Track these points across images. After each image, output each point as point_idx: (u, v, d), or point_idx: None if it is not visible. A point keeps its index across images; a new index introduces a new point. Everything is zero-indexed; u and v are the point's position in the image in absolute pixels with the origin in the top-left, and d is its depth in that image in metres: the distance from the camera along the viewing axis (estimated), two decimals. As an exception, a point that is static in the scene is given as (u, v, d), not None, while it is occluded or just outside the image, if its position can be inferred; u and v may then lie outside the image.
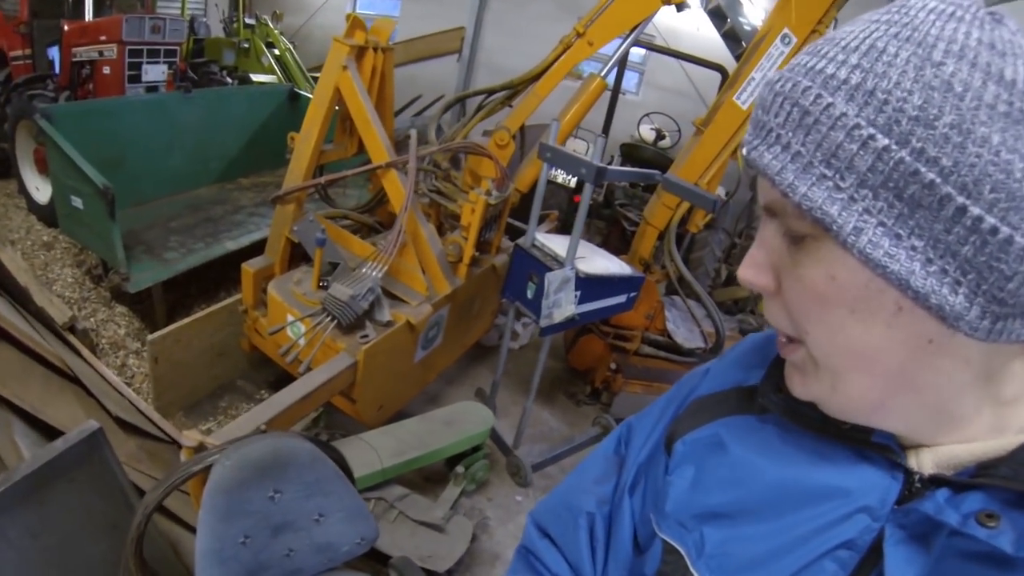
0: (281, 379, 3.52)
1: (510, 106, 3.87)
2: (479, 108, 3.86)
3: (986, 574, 0.48)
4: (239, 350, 3.48)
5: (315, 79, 7.71)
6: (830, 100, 0.47)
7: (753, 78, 3.61)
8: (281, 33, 8.46)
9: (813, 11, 3.37)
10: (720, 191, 5.58)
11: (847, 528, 0.57)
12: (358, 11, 10.37)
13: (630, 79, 9.41)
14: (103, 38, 5.61)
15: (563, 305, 3.03)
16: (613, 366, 4.17)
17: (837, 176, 0.47)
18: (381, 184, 3.27)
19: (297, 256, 3.28)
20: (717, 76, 6.59)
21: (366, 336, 2.79)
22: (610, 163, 6.67)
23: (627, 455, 0.86)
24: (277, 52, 8.19)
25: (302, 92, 5.55)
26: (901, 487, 0.56)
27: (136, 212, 4.23)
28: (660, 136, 7.73)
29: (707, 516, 0.68)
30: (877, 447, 0.57)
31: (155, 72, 5.99)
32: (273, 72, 7.96)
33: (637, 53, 9.25)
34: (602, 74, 3.69)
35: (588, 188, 3.04)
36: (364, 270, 2.88)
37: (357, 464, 2.42)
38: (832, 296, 0.51)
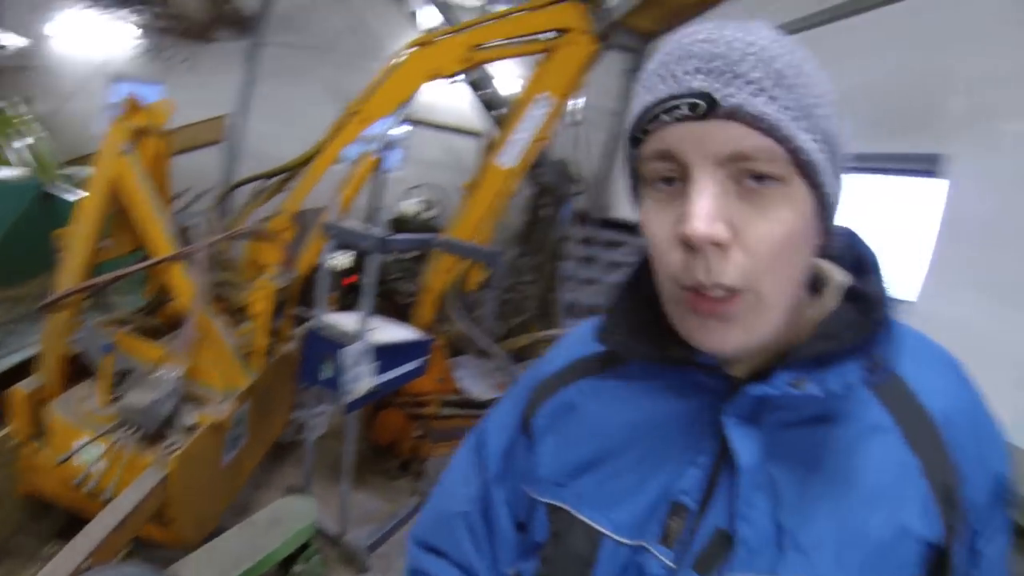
0: (72, 525, 3.02)
1: (286, 190, 3.92)
2: (258, 193, 3.85)
3: (810, 434, 0.65)
4: (11, 499, 2.93)
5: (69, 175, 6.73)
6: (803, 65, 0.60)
7: (513, 140, 4.10)
8: (34, 120, 7.26)
9: (566, 78, 4.11)
10: (490, 249, 6.01)
11: (696, 438, 0.69)
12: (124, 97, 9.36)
13: (393, 156, 9.72)
14: None
15: (363, 378, 3.11)
16: (418, 433, 4.23)
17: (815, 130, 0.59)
18: (160, 283, 3.11)
19: (74, 372, 2.98)
20: (476, 143, 7.06)
21: (173, 444, 2.64)
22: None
23: (487, 451, 0.92)
24: (30, 142, 7.00)
25: (54, 192, 4.90)
26: (728, 389, 0.68)
27: None
28: (429, 207, 8.09)
29: (578, 470, 0.76)
30: (703, 367, 0.69)
31: None
32: (19, 165, 6.79)
33: (400, 130, 9.61)
34: (374, 152, 3.91)
35: (375, 258, 3.19)
36: (161, 373, 2.73)
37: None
38: (798, 229, 0.60)
